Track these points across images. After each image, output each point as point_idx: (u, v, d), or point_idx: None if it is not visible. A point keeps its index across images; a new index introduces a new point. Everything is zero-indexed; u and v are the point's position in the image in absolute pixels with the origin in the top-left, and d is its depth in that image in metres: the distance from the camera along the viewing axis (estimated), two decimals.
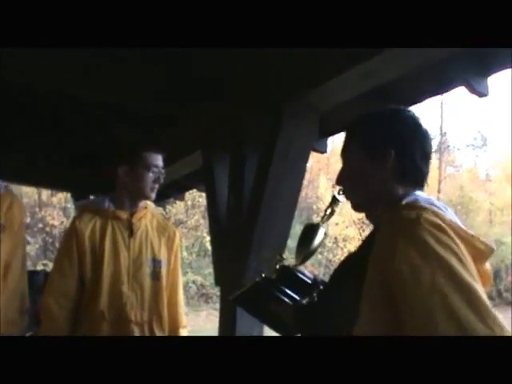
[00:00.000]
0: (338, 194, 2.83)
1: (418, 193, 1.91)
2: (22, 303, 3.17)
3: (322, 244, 3.00)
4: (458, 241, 1.68)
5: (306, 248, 2.90)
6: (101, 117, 6.34)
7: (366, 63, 3.37)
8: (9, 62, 4.70)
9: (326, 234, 2.93)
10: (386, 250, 1.69)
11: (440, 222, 1.70)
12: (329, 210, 2.84)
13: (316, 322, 2.52)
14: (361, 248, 2.66)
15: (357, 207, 2.15)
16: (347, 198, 2.19)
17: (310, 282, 2.94)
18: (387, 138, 1.96)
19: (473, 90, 3.69)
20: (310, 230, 2.93)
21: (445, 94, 3.94)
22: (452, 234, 1.67)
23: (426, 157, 1.98)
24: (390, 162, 1.92)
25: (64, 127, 6.71)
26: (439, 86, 3.92)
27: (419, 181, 1.97)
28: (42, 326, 3.17)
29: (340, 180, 2.15)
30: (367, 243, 2.62)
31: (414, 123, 1.99)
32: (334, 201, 2.83)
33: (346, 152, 2.11)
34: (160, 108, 5.44)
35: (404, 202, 1.84)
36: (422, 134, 1.99)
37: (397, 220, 1.74)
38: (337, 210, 2.84)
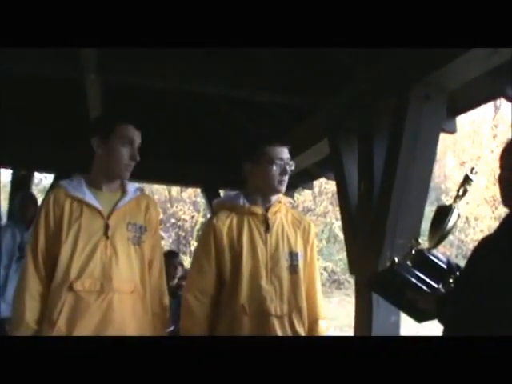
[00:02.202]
0: (471, 172, 2.76)
1: None
2: (163, 296, 3.31)
3: (455, 225, 2.93)
4: None
5: (439, 231, 2.84)
6: (228, 113, 6.46)
7: None
8: (137, 66, 4.88)
9: (459, 215, 2.86)
10: None
11: None
12: (461, 190, 2.78)
13: (456, 311, 2.47)
14: (498, 231, 2.58)
15: None
16: None
17: (444, 266, 2.88)
18: None
19: None
20: (443, 212, 2.87)
21: None
22: None
23: None
24: None
25: (192, 125, 6.88)
26: None
27: None
28: (182, 322, 3.27)
29: None
30: (506, 226, 2.54)
31: None
32: (467, 180, 2.76)
33: None
34: (286, 100, 5.48)
35: None
36: None
37: None
38: (469, 189, 2.78)
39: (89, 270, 3.01)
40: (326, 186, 24.37)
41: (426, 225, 3.50)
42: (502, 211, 2.69)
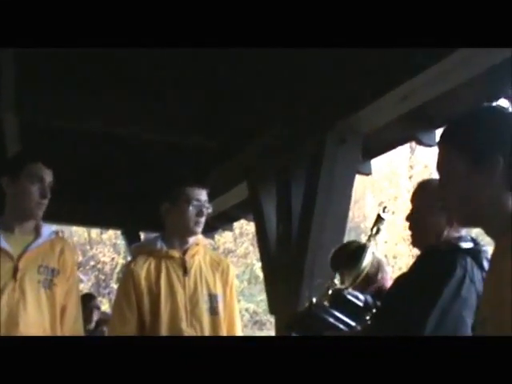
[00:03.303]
0: (383, 211, 2.85)
1: None
2: None
3: (370, 263, 3.00)
4: None
5: (354, 270, 2.91)
6: (150, 155, 6.46)
7: (402, 86, 3.40)
8: (58, 107, 4.86)
9: (373, 254, 2.93)
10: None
11: None
12: (374, 229, 2.86)
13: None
14: (412, 269, 2.68)
15: (461, 222, 1.91)
16: (449, 213, 1.90)
17: (361, 304, 2.95)
18: (491, 142, 1.65)
19: None
20: (358, 251, 2.94)
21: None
22: None
23: None
24: (498, 170, 1.60)
25: (112, 167, 6.84)
26: (478, 102, 3.90)
27: None
28: None
29: (441, 195, 1.79)
30: (418, 264, 2.65)
31: None
32: (379, 219, 2.84)
33: (443, 165, 1.75)
34: (204, 142, 5.53)
35: None
36: None
37: None
38: (382, 228, 2.86)
39: None
40: (247, 228, 24.36)
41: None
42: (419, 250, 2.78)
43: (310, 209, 4.13)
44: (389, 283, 3.43)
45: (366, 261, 2.90)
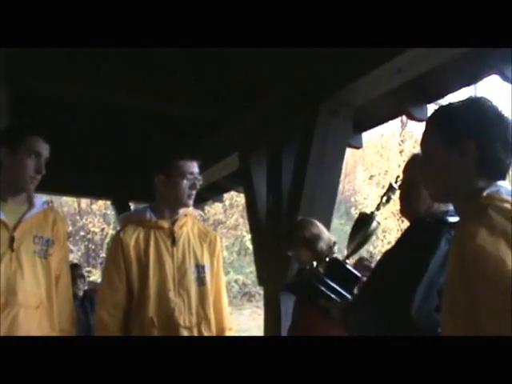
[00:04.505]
0: (395, 182, 2.85)
1: (501, 183, 1.83)
2: (71, 312, 3.26)
3: (374, 233, 3.00)
4: None
5: (358, 236, 2.90)
6: (139, 125, 6.44)
7: (396, 59, 3.40)
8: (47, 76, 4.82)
9: (378, 223, 2.93)
10: (468, 235, 1.66)
11: None
12: (385, 198, 2.86)
13: (359, 317, 2.56)
14: (399, 242, 2.71)
15: (435, 197, 2.09)
16: (426, 187, 2.06)
17: (359, 274, 2.97)
18: (467, 128, 1.85)
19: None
20: (364, 219, 2.94)
21: (477, 84, 3.92)
22: None
23: (507, 147, 1.86)
24: (471, 154, 1.82)
25: (102, 137, 6.82)
26: (470, 76, 3.91)
27: (501, 172, 1.86)
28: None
29: (420, 170, 2.01)
30: (405, 236, 2.67)
31: (494, 113, 1.88)
32: (391, 188, 2.84)
33: (425, 143, 1.97)
34: (197, 113, 5.51)
35: (485, 194, 1.78)
36: (504, 124, 1.87)
37: (479, 209, 1.72)
38: (393, 197, 2.86)
39: None
40: (237, 199, 24.43)
41: (333, 238, 3.62)
42: (407, 224, 2.81)
43: (301, 181, 4.14)
44: None
45: (371, 229, 2.90)
